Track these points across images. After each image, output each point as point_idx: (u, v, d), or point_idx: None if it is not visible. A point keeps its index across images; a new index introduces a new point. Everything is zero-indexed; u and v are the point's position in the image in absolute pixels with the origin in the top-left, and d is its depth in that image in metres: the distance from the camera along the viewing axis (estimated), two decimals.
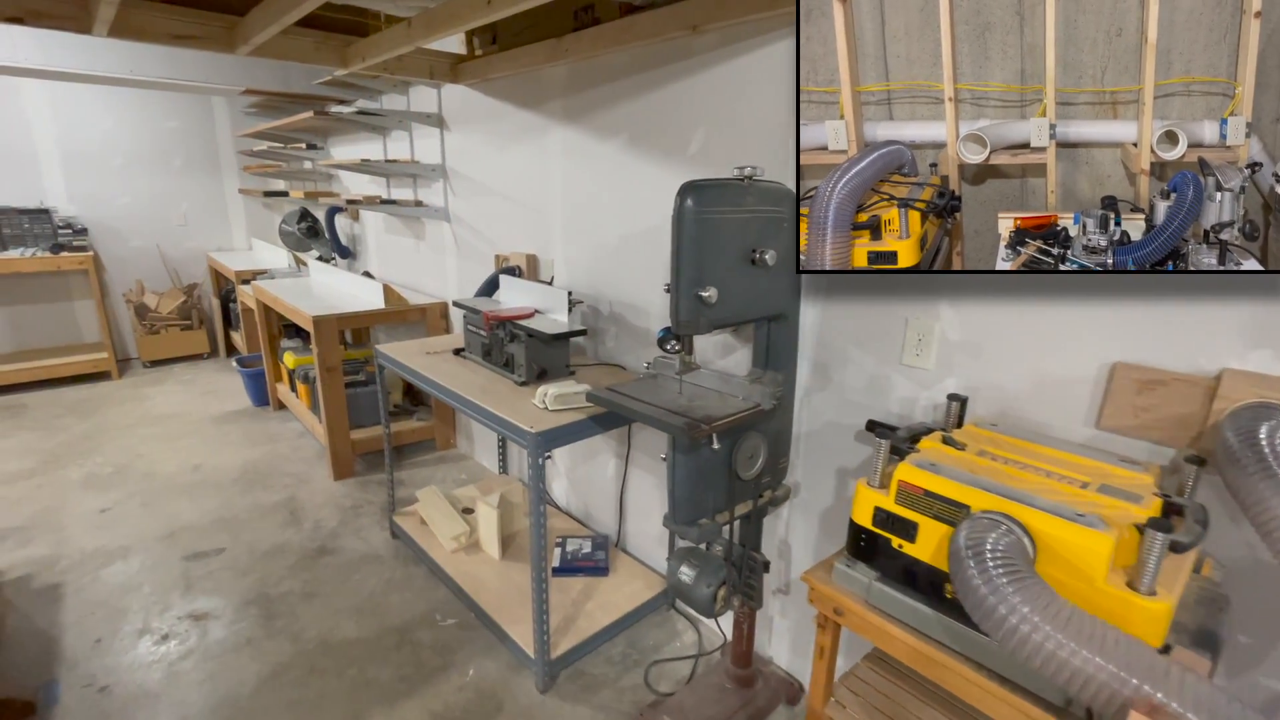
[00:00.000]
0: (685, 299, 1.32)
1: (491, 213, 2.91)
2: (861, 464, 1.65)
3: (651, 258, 2.11)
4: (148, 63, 3.30)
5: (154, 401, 4.31)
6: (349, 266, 4.49)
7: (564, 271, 2.53)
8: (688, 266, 1.31)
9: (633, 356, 2.28)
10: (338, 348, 3.13)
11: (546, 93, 2.43)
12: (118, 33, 2.02)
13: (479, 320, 2.21)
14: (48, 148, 4.67)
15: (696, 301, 1.32)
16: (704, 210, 1.29)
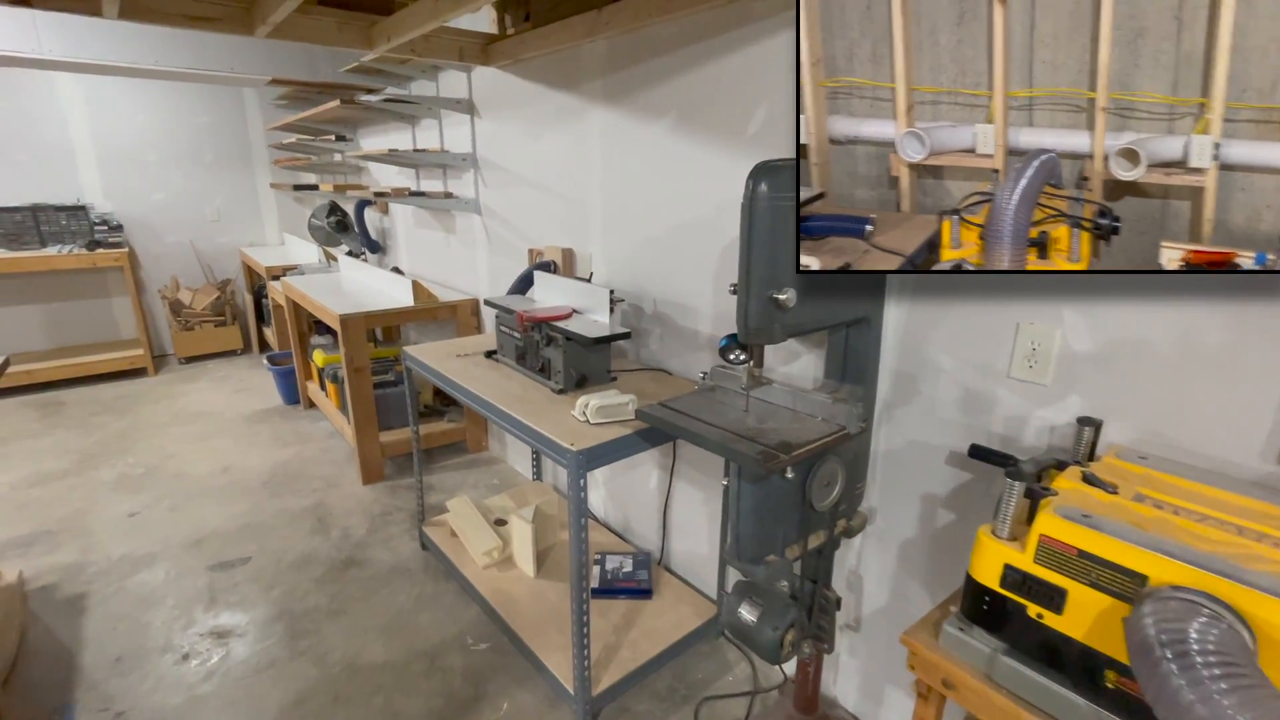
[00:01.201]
0: (756, 302, 1.12)
1: (524, 204, 2.73)
2: (954, 492, 1.42)
3: (702, 251, 1.90)
4: (173, 53, 3.20)
5: (188, 399, 4.28)
6: (379, 261, 4.39)
7: (603, 267, 2.34)
8: (760, 264, 1.10)
9: (679, 361, 2.08)
10: (366, 347, 3.00)
11: (584, 71, 2.23)
12: (129, 14, 1.88)
13: (512, 321, 2.03)
14: (84, 144, 4.67)
15: (770, 305, 1.11)
16: (780, 197, 1.08)
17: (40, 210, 4.56)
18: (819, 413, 1.22)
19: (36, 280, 4.66)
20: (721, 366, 1.41)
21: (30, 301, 4.69)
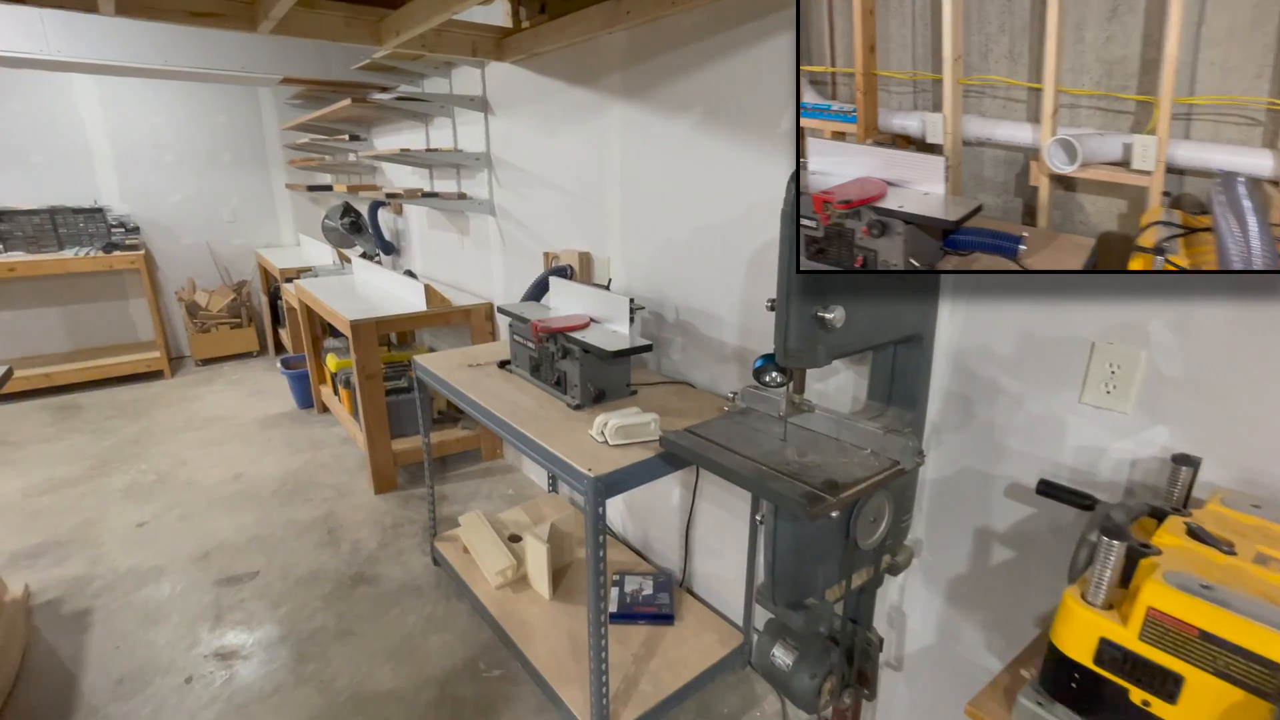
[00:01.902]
0: (798, 321, 0.99)
1: (540, 206, 2.62)
2: (1014, 528, 1.28)
3: (729, 257, 1.77)
4: (183, 53, 3.13)
5: (202, 403, 4.24)
6: (393, 263, 4.31)
7: (622, 272, 2.21)
8: (806, 278, 0.97)
9: (704, 373, 1.95)
10: (378, 353, 2.91)
11: (603, 65, 2.11)
12: (126, 11, 1.80)
13: (526, 331, 1.92)
14: (101, 146, 4.65)
15: (814, 324, 0.98)
16: None
17: (58, 212, 4.56)
18: (868, 444, 1.08)
19: (54, 283, 4.66)
20: (754, 387, 1.29)
21: (49, 304, 4.69)
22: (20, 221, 4.45)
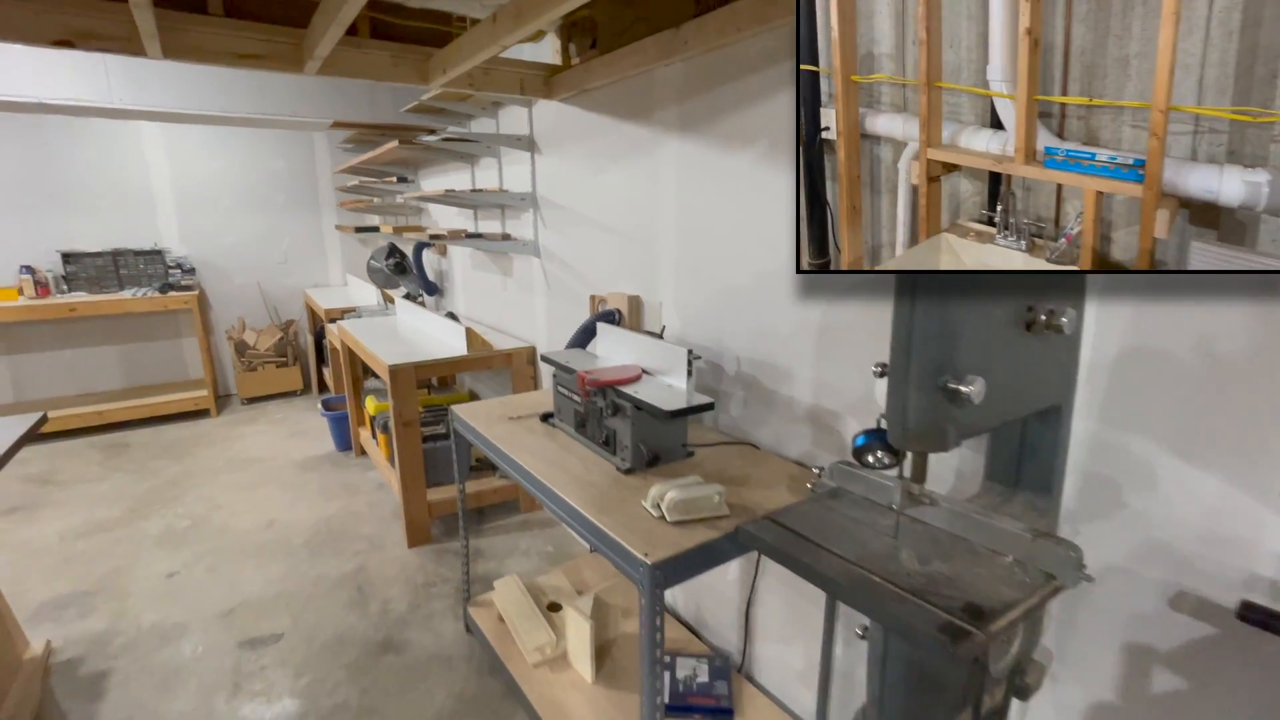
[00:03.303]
0: (922, 394, 0.78)
1: (586, 246, 2.49)
2: (1183, 649, 1.01)
3: (798, 303, 1.58)
4: (238, 99, 3.18)
5: (244, 443, 4.21)
6: (436, 304, 4.26)
7: (675, 317, 2.04)
8: (927, 339, 0.77)
9: (769, 432, 1.73)
10: (416, 399, 2.79)
11: (657, 99, 1.98)
12: (174, 54, 1.76)
13: (572, 382, 1.75)
14: (164, 190, 4.81)
15: (942, 400, 0.77)
16: None
17: (121, 254, 4.69)
18: (1009, 549, 0.85)
19: (113, 322, 4.77)
20: (845, 463, 1.07)
21: (107, 342, 4.80)
22: (85, 263, 4.59)
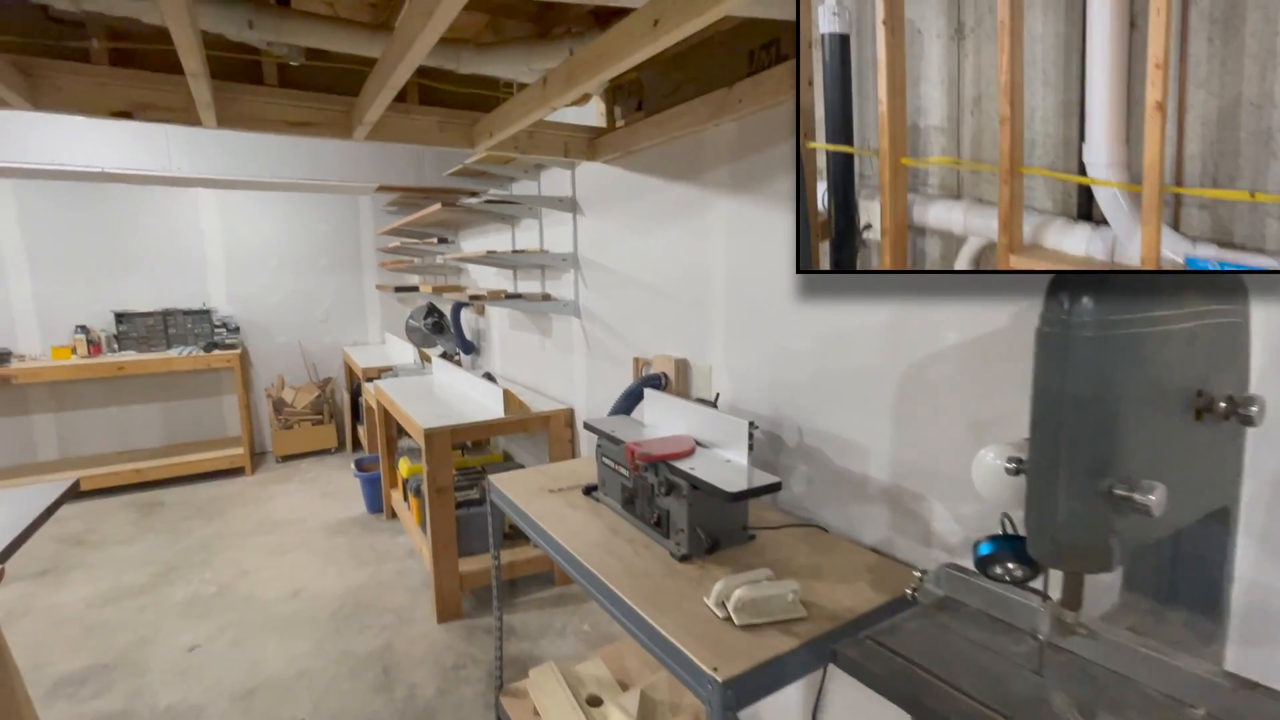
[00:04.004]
0: (1076, 501, 0.63)
1: (630, 307, 2.41)
2: None
3: (870, 372, 1.44)
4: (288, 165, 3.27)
5: (276, 503, 4.15)
6: (472, 363, 4.22)
7: (726, 383, 1.91)
8: (1085, 434, 0.63)
9: (839, 513, 1.57)
10: (450, 463, 2.69)
11: (708, 159, 1.92)
12: (228, 123, 1.77)
13: (619, 454, 1.62)
14: (215, 253, 4.96)
15: (1105, 508, 0.62)
16: (1119, 321, 0.62)
17: (170, 314, 4.82)
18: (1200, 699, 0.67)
19: (158, 380, 4.85)
20: (958, 569, 0.91)
21: (151, 400, 4.87)
22: (136, 323, 4.72)
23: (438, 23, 1.12)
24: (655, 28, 1.15)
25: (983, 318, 1.21)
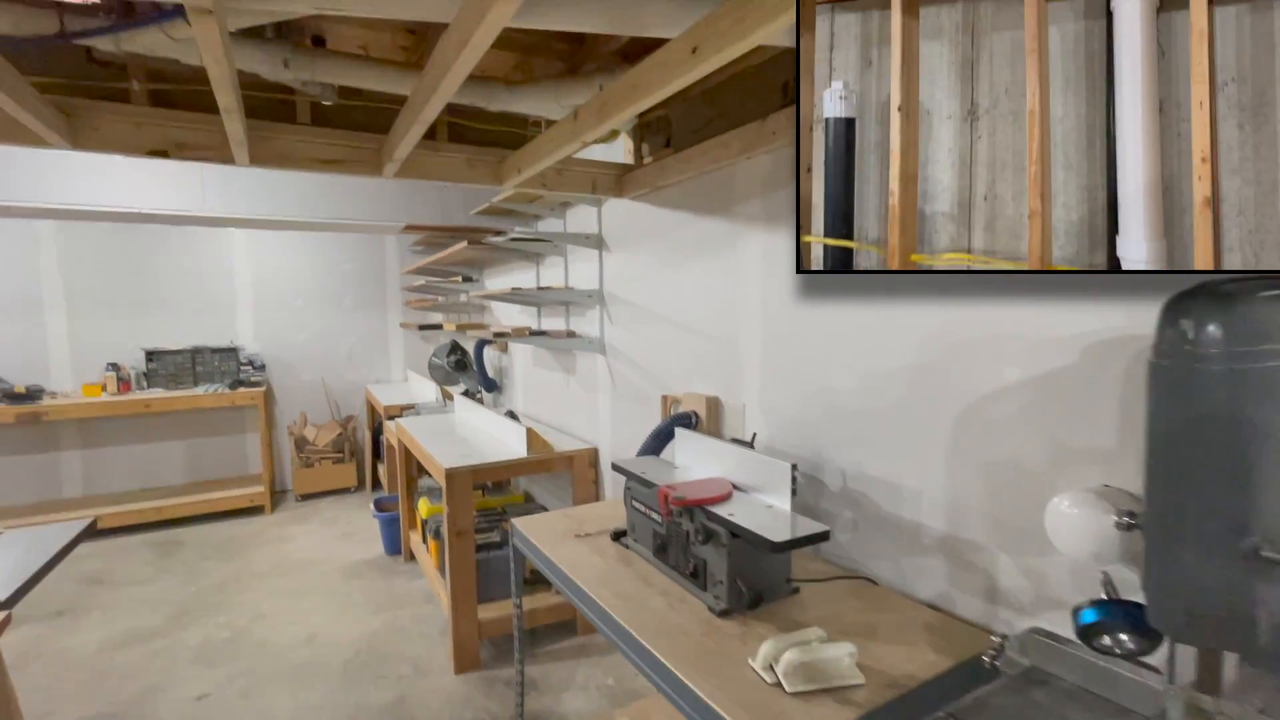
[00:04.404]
0: (1212, 563, 0.53)
1: (657, 344, 2.35)
2: None
3: (923, 411, 1.35)
4: (318, 205, 3.32)
5: (294, 544, 4.08)
6: (494, 401, 4.18)
7: (761, 422, 1.83)
8: (1222, 486, 0.54)
9: (887, 564, 1.45)
10: (471, 505, 2.61)
11: (739, 193, 1.88)
12: (262, 161, 1.78)
13: (651, 498, 1.53)
14: (245, 291, 5.04)
15: (1248, 573, 0.52)
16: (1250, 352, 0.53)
17: (199, 352, 4.87)
18: None
19: (183, 418, 4.88)
20: (1048, 635, 0.80)
21: (175, 438, 4.89)
22: (166, 360, 4.77)
23: (471, 53, 1.10)
24: (694, 55, 1.11)
25: (1047, 351, 1.12)
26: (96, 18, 1.38)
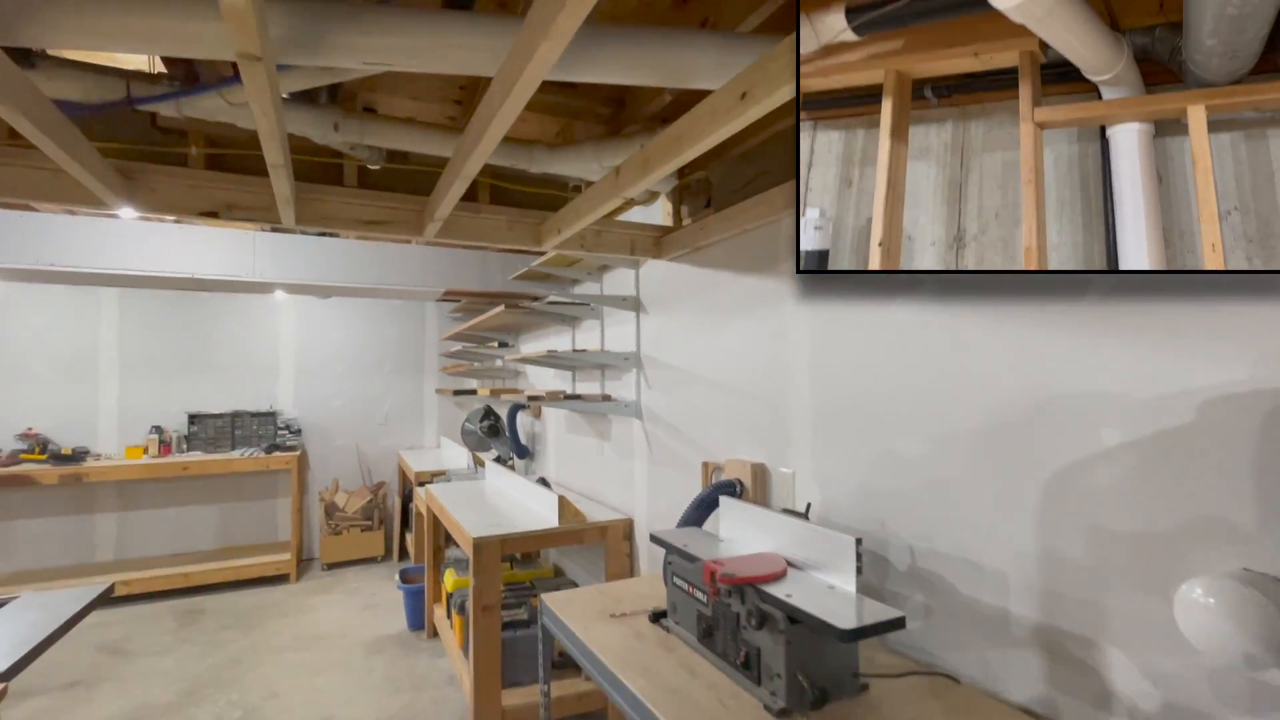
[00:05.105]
0: None
1: (697, 407, 2.24)
2: None
3: (1004, 478, 1.20)
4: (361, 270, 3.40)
5: (315, 615, 3.94)
6: (526, 467, 4.08)
7: (814, 491, 1.68)
8: None
9: (969, 656, 1.26)
10: (499, 577, 2.47)
11: (785, 249, 1.82)
12: (307, 221, 1.81)
13: (696, 574, 1.39)
14: (288, 356, 5.15)
15: None
16: None
17: (239, 416, 4.94)
18: None
19: (218, 482, 4.89)
20: None
21: (209, 502, 4.88)
22: (207, 424, 4.84)
23: (514, 101, 1.08)
24: (743, 100, 1.08)
25: (1153, 409, 0.98)
26: (160, 84, 1.44)
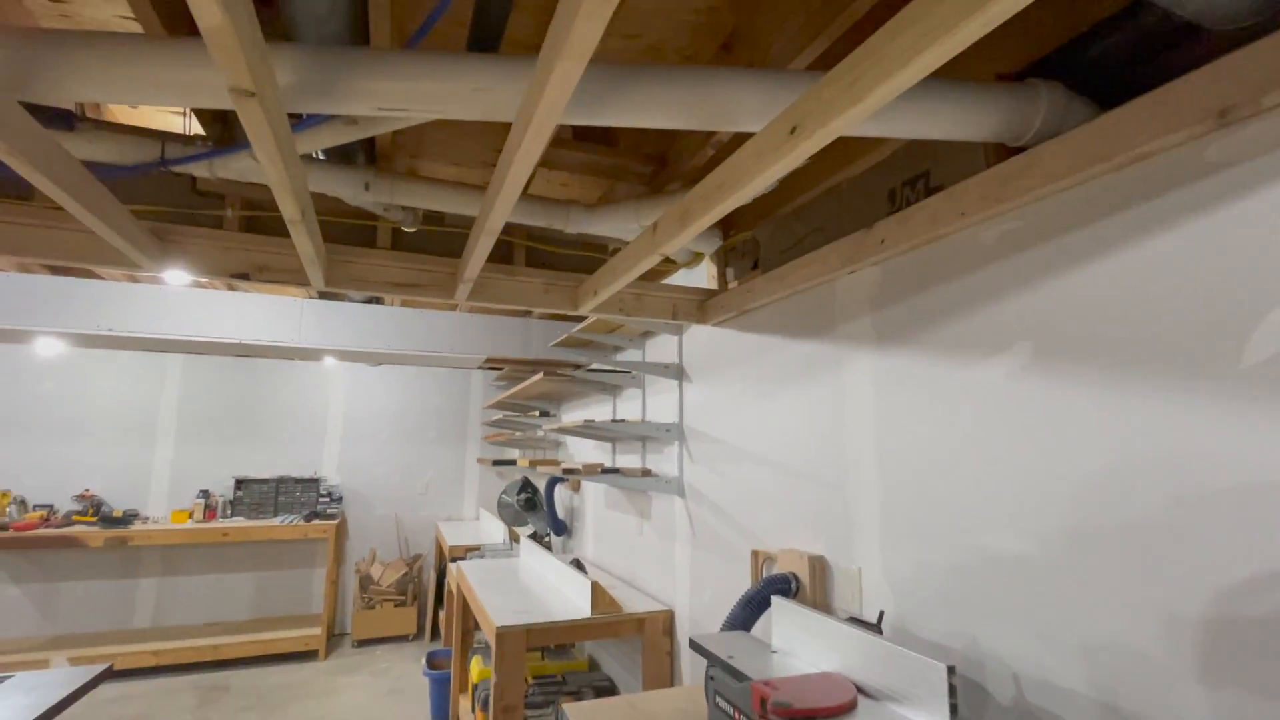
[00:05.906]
0: None
1: (746, 486, 2.01)
2: None
3: (1135, 585, 0.93)
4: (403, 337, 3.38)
5: (338, 699, 3.71)
6: (563, 545, 3.85)
7: (885, 593, 1.41)
8: None
9: None
10: (524, 673, 2.21)
11: (841, 311, 1.64)
12: (337, 283, 1.75)
13: (741, 696, 1.14)
14: (335, 423, 5.18)
15: None
16: None
17: (284, 482, 4.93)
18: None
19: (257, 549, 4.84)
20: None
21: (246, 569, 4.82)
22: (253, 489, 4.85)
23: (534, 138, 0.98)
24: (793, 135, 0.94)
25: None
26: (194, 145, 1.43)
